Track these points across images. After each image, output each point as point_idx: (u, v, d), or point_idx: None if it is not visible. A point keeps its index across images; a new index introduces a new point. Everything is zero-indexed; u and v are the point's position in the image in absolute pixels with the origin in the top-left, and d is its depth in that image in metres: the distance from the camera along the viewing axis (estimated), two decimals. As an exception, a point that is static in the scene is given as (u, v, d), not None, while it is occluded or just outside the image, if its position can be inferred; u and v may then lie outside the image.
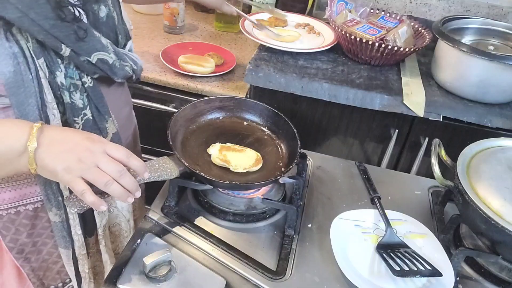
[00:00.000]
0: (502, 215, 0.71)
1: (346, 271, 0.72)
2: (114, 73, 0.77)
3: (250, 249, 0.77)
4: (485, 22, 1.38)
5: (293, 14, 1.58)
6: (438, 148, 0.87)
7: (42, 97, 0.69)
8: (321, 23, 1.55)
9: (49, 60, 0.68)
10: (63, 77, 0.70)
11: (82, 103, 0.74)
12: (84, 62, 0.71)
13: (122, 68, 0.77)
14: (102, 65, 0.73)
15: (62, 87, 0.71)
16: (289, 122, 0.90)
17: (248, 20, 1.43)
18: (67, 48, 0.68)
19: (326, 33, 1.50)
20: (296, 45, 1.39)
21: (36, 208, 0.81)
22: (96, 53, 0.71)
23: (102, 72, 0.74)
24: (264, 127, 0.95)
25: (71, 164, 0.62)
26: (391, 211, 0.85)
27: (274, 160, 0.87)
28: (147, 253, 0.68)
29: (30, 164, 0.62)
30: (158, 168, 0.75)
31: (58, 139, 0.63)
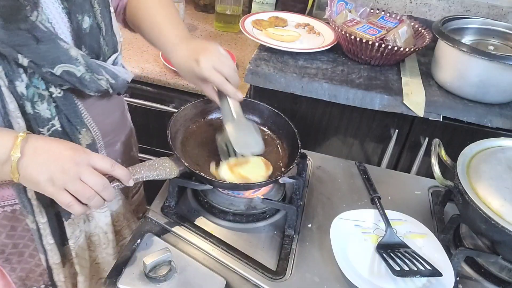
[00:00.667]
0: (502, 215, 0.71)
1: (346, 271, 0.72)
2: (84, 86, 0.72)
3: (250, 249, 0.77)
4: (485, 22, 1.38)
5: (293, 14, 1.58)
6: (438, 148, 0.87)
7: (4, 106, 0.67)
8: (321, 23, 1.55)
9: (8, 69, 0.65)
10: (24, 87, 0.67)
11: (49, 114, 0.71)
12: (47, 74, 0.68)
13: (93, 82, 0.73)
14: (69, 78, 0.70)
15: (23, 97, 0.68)
16: (289, 122, 0.90)
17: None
18: (24, 58, 0.64)
19: (326, 33, 1.50)
20: (296, 45, 1.39)
21: (14, 210, 0.79)
22: (61, 65, 0.68)
23: (70, 84, 0.71)
24: (264, 126, 0.95)
25: (54, 175, 0.62)
26: (391, 211, 0.85)
27: (275, 160, 0.87)
28: (147, 253, 0.68)
29: (13, 173, 0.62)
30: (157, 167, 0.75)
31: (42, 149, 0.63)
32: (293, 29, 1.52)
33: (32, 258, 0.86)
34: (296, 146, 0.85)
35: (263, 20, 1.51)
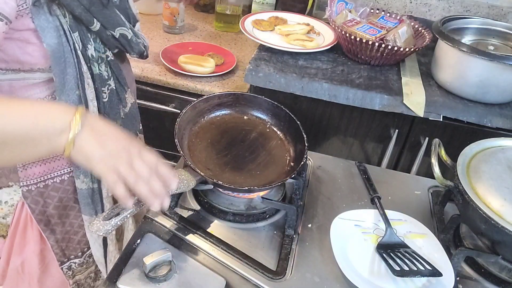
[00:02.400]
0: (502, 215, 0.71)
1: (346, 271, 0.72)
2: (131, 48, 0.84)
3: (250, 249, 0.77)
4: (485, 22, 1.38)
5: (293, 14, 1.58)
6: (438, 148, 0.87)
7: (80, 68, 0.76)
8: (321, 23, 1.55)
9: (82, 34, 0.75)
10: (93, 50, 0.78)
11: (107, 75, 0.81)
12: (109, 37, 0.79)
13: (137, 44, 0.85)
14: (123, 40, 0.81)
15: (92, 59, 0.78)
16: (290, 114, 0.91)
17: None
18: (97, 22, 0.75)
19: (326, 33, 1.50)
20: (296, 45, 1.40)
21: (63, 180, 0.86)
22: (119, 28, 0.79)
23: (122, 46, 0.82)
24: (266, 120, 0.95)
25: (110, 154, 0.62)
26: (391, 211, 0.85)
27: (281, 154, 0.88)
28: (147, 253, 0.68)
29: (68, 145, 0.61)
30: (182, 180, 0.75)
31: (101, 128, 0.64)
32: (297, 26, 1.51)
33: (71, 226, 0.92)
34: (301, 139, 0.86)
35: (263, 20, 1.51)
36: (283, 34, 1.44)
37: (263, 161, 0.87)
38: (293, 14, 1.58)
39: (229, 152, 0.88)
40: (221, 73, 1.37)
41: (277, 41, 1.40)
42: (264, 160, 0.87)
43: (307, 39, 1.42)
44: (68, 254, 0.94)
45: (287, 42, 1.41)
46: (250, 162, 0.86)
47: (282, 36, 1.44)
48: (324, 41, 1.45)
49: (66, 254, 0.94)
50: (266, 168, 0.86)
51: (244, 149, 0.89)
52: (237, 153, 0.88)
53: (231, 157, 0.87)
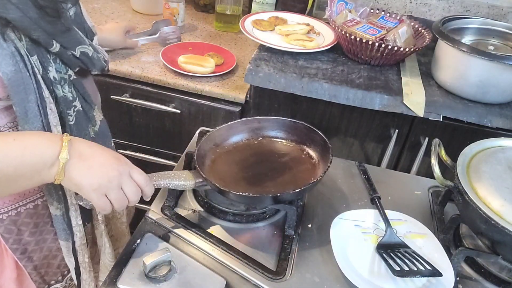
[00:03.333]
0: (502, 215, 0.71)
1: (346, 271, 0.72)
2: (93, 65, 0.80)
3: (250, 249, 0.77)
4: (485, 22, 1.38)
5: (293, 14, 1.58)
6: (438, 148, 0.87)
7: (41, 93, 0.71)
8: (321, 23, 1.55)
9: (41, 56, 0.71)
10: (54, 72, 0.73)
11: (71, 96, 0.77)
12: (70, 56, 0.75)
13: (98, 60, 0.81)
14: (84, 58, 0.77)
15: (54, 82, 0.73)
16: (325, 139, 0.89)
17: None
18: (57, 44, 0.71)
19: (326, 33, 1.50)
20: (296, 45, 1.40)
21: (36, 205, 0.82)
22: (79, 47, 0.76)
23: (83, 64, 0.78)
24: (304, 147, 0.92)
25: (99, 181, 0.65)
26: (391, 211, 0.85)
27: (307, 177, 0.85)
28: (147, 253, 0.69)
29: (58, 175, 0.64)
30: (175, 177, 0.77)
31: (88, 154, 0.66)
32: (297, 25, 1.51)
33: (49, 251, 0.88)
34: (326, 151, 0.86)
35: (263, 20, 1.50)
36: (283, 34, 1.44)
37: (284, 181, 0.84)
38: (293, 14, 1.58)
39: (252, 170, 0.87)
40: (221, 73, 1.37)
41: (277, 41, 1.39)
42: (285, 180, 0.84)
43: (307, 39, 1.41)
44: (48, 280, 0.91)
45: (287, 42, 1.40)
46: (269, 180, 0.84)
47: (282, 36, 1.44)
48: (324, 41, 1.45)
49: (46, 280, 0.90)
50: (283, 187, 0.82)
51: (269, 169, 0.87)
52: (260, 172, 0.86)
53: (252, 174, 0.85)
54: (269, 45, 1.34)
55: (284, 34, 1.44)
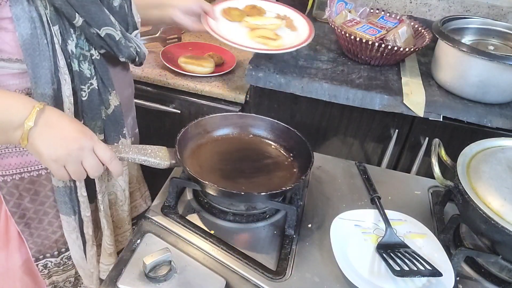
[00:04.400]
0: (502, 215, 0.71)
1: (346, 271, 0.72)
2: (119, 50, 0.81)
3: (250, 249, 0.77)
4: (485, 22, 1.38)
5: (277, 4, 1.36)
6: (438, 148, 0.87)
7: (56, 62, 0.74)
8: (302, 18, 1.32)
9: (63, 28, 0.73)
10: (74, 46, 0.75)
11: (89, 73, 0.79)
12: (94, 35, 0.76)
13: (127, 47, 0.82)
14: (109, 40, 0.78)
15: (72, 55, 0.76)
16: (298, 133, 0.90)
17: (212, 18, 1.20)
18: (80, 17, 0.73)
19: (304, 30, 1.27)
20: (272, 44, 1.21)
21: (40, 174, 0.84)
22: (105, 28, 0.76)
23: (108, 47, 0.79)
24: (290, 155, 0.92)
25: (58, 152, 0.67)
26: (391, 211, 0.85)
27: (281, 183, 0.85)
28: (147, 253, 0.68)
29: (23, 139, 0.67)
30: (149, 153, 0.78)
31: (53, 125, 0.68)
32: (273, 19, 1.28)
33: (50, 225, 0.90)
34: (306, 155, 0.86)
35: (236, 9, 1.26)
36: (250, 28, 1.23)
37: (257, 182, 0.84)
38: (276, 5, 1.35)
39: (232, 164, 0.87)
40: (221, 73, 1.37)
41: (238, 35, 1.20)
42: (259, 182, 0.84)
43: (273, 37, 1.22)
44: (44, 251, 0.92)
45: (250, 37, 1.21)
46: (243, 178, 0.85)
47: (248, 30, 1.23)
48: (293, 41, 1.23)
49: (42, 251, 0.92)
50: (254, 188, 0.82)
51: (249, 167, 0.87)
52: (239, 167, 0.87)
53: (230, 168, 0.86)
54: (220, 38, 1.15)
55: (250, 28, 1.23)
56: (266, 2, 1.33)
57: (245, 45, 1.16)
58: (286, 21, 1.29)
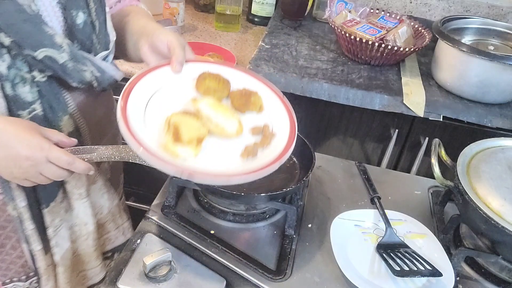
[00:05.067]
0: (502, 215, 0.71)
1: (346, 271, 0.72)
2: (66, 74, 0.72)
3: (250, 249, 0.77)
4: (485, 22, 1.38)
5: (268, 89, 0.80)
6: (438, 148, 0.87)
7: None
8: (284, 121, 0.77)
9: None
10: (5, 67, 0.67)
11: (31, 97, 0.71)
12: (28, 57, 0.68)
13: (77, 71, 0.72)
14: (51, 63, 0.69)
15: (2, 78, 0.67)
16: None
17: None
18: (6, 37, 0.64)
19: (280, 141, 0.71)
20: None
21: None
22: (43, 49, 0.68)
23: (51, 71, 0.70)
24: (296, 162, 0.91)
25: (15, 173, 0.66)
26: (391, 211, 0.85)
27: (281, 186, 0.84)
28: (147, 253, 0.68)
29: None
30: (123, 150, 0.72)
31: (3, 145, 0.64)
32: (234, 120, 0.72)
33: (14, 250, 0.85)
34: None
35: (215, 80, 0.75)
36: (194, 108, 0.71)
37: (258, 182, 0.75)
38: (268, 90, 0.80)
39: None
40: (221, 73, 1.37)
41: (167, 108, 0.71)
42: (260, 183, 0.76)
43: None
44: (11, 276, 0.87)
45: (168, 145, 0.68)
46: None
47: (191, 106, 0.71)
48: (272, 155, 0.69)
49: (8, 275, 0.87)
50: (255, 188, 0.79)
51: None
52: None
53: None
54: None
55: (194, 109, 0.71)
56: (266, 90, 0.80)
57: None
58: (264, 136, 0.71)
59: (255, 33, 1.69)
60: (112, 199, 0.94)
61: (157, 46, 0.76)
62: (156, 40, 0.76)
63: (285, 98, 0.78)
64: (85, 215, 0.86)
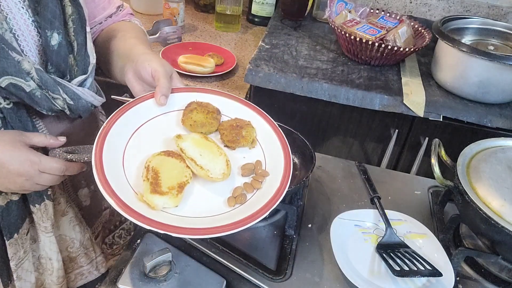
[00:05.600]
0: (502, 215, 0.71)
1: (346, 271, 0.72)
2: (34, 103, 0.67)
3: (250, 249, 0.77)
4: (485, 22, 1.38)
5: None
6: (438, 148, 0.87)
7: None
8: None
9: None
10: None
11: None
12: None
13: (46, 99, 0.68)
14: (16, 91, 0.64)
15: None
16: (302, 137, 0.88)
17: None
18: None
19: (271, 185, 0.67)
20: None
21: None
22: (7, 77, 0.63)
23: (17, 98, 0.66)
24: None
25: (12, 188, 0.66)
26: (391, 211, 0.85)
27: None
28: (147, 253, 0.68)
29: None
30: None
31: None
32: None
33: None
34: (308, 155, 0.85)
35: (204, 113, 0.72)
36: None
37: None
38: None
39: None
40: (221, 73, 1.37)
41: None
42: None
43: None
44: None
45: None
46: None
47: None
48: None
49: None
50: None
51: None
52: None
53: None
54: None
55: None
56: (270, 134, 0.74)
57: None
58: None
59: (255, 33, 1.69)
60: (84, 232, 0.87)
61: (141, 74, 0.73)
62: (141, 68, 0.73)
63: (280, 129, 0.73)
64: (49, 250, 0.80)
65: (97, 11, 0.86)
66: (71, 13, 0.71)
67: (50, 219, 0.77)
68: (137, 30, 0.89)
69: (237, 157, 0.69)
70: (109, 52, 0.83)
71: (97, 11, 0.86)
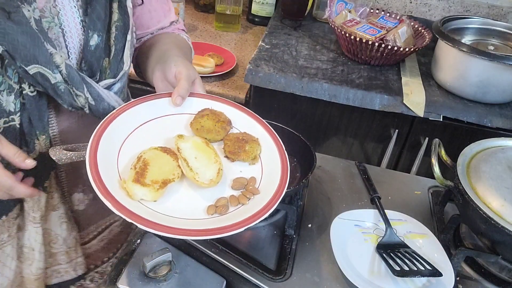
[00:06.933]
0: (502, 215, 0.71)
1: (346, 271, 0.72)
2: (57, 96, 0.68)
3: (250, 249, 0.77)
4: (485, 22, 1.38)
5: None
6: (438, 148, 0.87)
7: None
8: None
9: None
10: None
11: (13, 107, 0.68)
12: (20, 69, 0.64)
13: (69, 95, 0.69)
14: (42, 81, 0.66)
15: None
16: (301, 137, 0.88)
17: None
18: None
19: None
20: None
21: None
22: (36, 65, 0.64)
23: (42, 88, 0.67)
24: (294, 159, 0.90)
25: None
26: (391, 211, 0.85)
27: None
28: (147, 253, 0.68)
29: None
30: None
31: None
32: None
33: None
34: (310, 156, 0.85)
35: (213, 120, 0.72)
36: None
37: None
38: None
39: None
40: (221, 73, 1.37)
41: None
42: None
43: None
44: None
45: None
46: None
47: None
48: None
49: None
50: None
51: None
52: None
53: None
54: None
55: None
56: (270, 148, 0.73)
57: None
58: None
59: (255, 33, 1.69)
60: (70, 230, 0.86)
61: (166, 74, 0.75)
62: (167, 68, 0.75)
63: (285, 154, 0.71)
64: (34, 240, 0.80)
65: (151, 23, 0.89)
66: (117, 19, 0.74)
67: (41, 210, 0.77)
68: (180, 40, 0.91)
69: (234, 170, 0.68)
70: (147, 54, 0.86)
71: (152, 23, 0.90)
